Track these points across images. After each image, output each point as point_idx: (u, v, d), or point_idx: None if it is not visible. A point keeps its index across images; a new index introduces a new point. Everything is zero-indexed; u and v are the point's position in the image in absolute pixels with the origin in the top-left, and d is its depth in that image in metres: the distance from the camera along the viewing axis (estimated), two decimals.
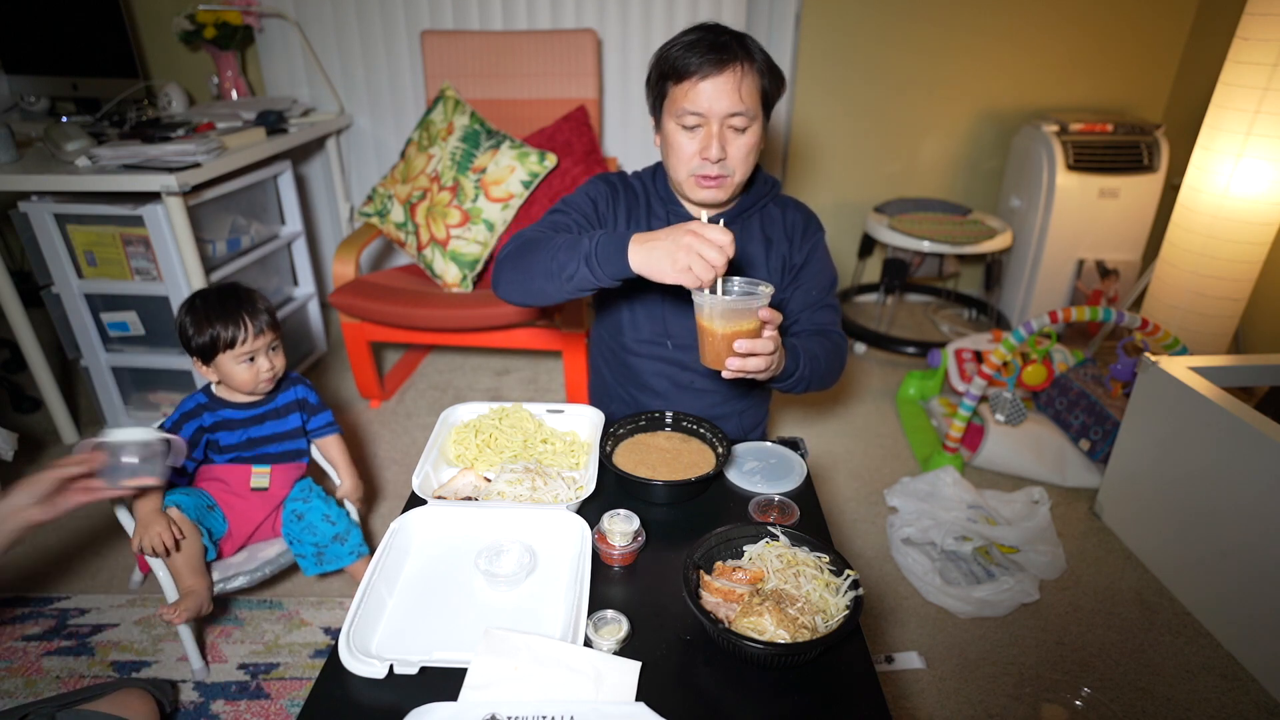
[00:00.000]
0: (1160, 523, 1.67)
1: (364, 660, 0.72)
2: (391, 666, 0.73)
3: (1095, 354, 2.38)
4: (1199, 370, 1.65)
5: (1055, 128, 2.48)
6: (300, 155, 2.74)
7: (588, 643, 0.77)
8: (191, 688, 1.39)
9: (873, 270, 2.97)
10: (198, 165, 1.79)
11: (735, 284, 0.97)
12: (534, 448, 1.11)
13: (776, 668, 0.75)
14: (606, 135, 2.63)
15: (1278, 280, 2.23)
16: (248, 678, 1.41)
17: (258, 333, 1.33)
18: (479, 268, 2.18)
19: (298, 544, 1.41)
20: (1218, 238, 1.95)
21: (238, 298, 1.34)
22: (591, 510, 0.96)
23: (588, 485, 1.00)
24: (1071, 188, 2.46)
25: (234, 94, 2.56)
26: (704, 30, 1.05)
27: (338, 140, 2.63)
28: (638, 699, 0.70)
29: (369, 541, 1.57)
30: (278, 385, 1.42)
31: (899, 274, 2.60)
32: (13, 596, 1.59)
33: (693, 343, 1.23)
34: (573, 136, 2.23)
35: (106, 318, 1.98)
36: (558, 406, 1.18)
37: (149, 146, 1.80)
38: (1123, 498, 1.79)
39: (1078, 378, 2.05)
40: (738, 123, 1.05)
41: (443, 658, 0.74)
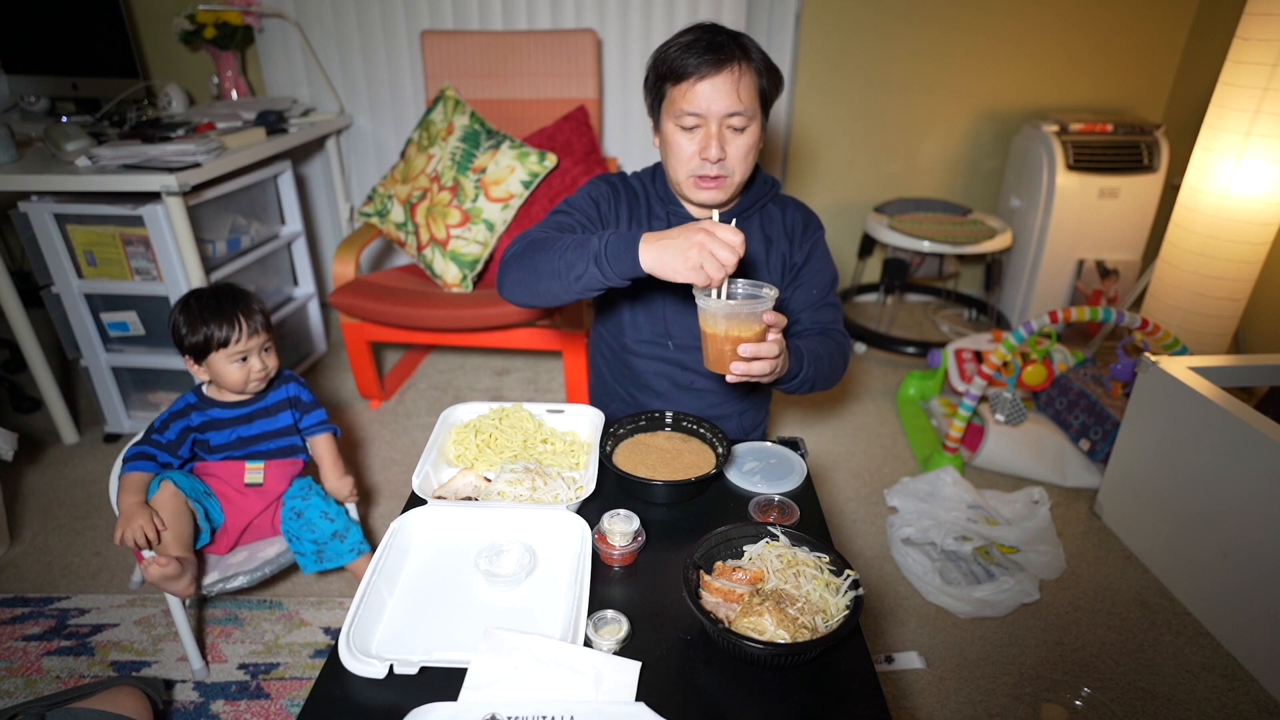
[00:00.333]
0: (1160, 523, 1.67)
1: (364, 660, 0.72)
2: (391, 666, 0.73)
3: (1095, 354, 2.38)
4: (1199, 370, 1.65)
5: (1055, 128, 2.48)
6: (300, 155, 2.74)
7: (588, 643, 0.77)
8: (191, 688, 1.39)
9: (873, 270, 2.97)
10: (198, 165, 1.79)
11: (739, 286, 0.97)
12: (534, 448, 1.11)
13: (776, 668, 0.75)
14: (606, 135, 2.63)
15: (1278, 280, 2.23)
16: (248, 678, 1.41)
17: (251, 333, 1.33)
18: (479, 268, 2.18)
19: (296, 541, 1.41)
20: (1218, 238, 1.95)
21: (233, 298, 1.34)
22: (591, 510, 0.96)
23: (588, 485, 1.00)
24: (1071, 188, 2.46)
25: (234, 94, 2.56)
26: (701, 30, 1.04)
27: (338, 140, 2.63)
28: (638, 699, 0.70)
29: (368, 540, 1.57)
30: (269, 384, 1.42)
31: (899, 274, 2.60)
32: (13, 596, 1.59)
33: (694, 343, 1.23)
34: (573, 136, 2.23)
35: (106, 318, 1.98)
36: (558, 406, 1.18)
37: (149, 146, 1.80)
38: (1123, 498, 1.79)
39: (1078, 378, 2.05)
40: (736, 122, 1.05)
41: (443, 658, 0.74)
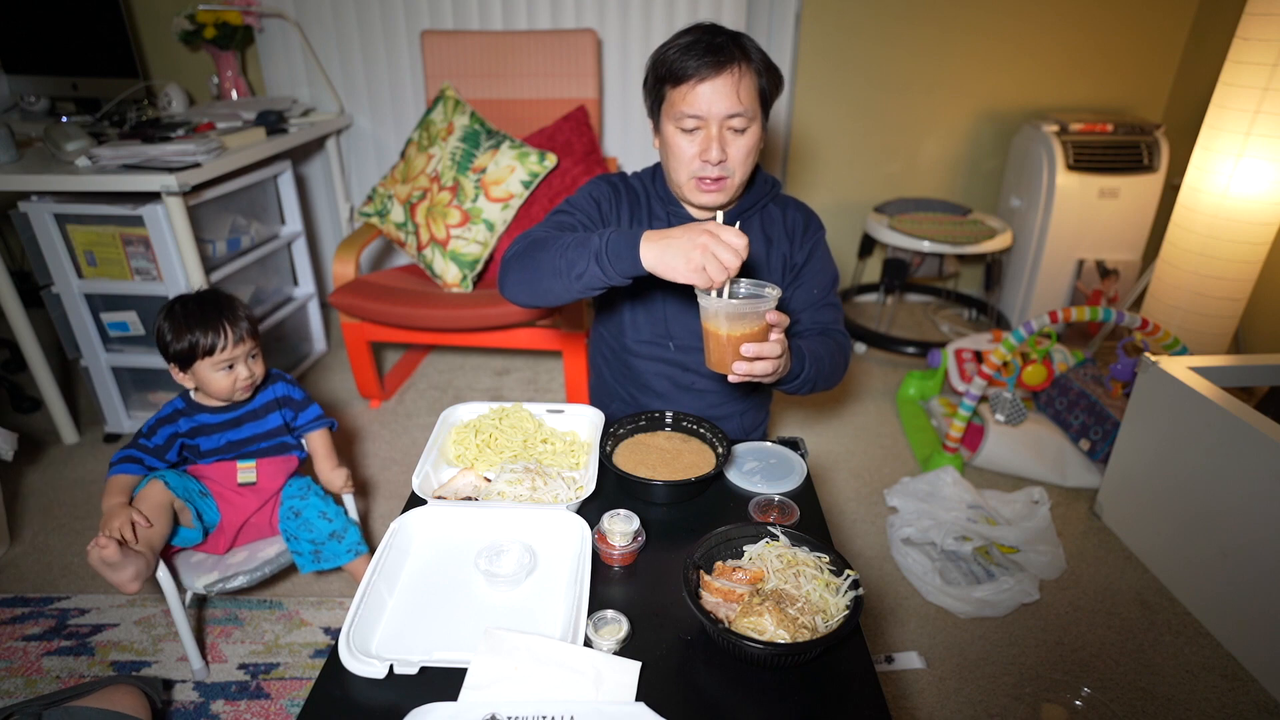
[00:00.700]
0: (1160, 523, 1.67)
1: (364, 660, 0.72)
2: (391, 666, 0.73)
3: (1095, 354, 2.38)
4: (1199, 370, 1.65)
5: (1055, 128, 2.48)
6: (300, 155, 2.74)
7: (588, 643, 0.77)
8: (191, 688, 1.39)
9: (873, 270, 2.97)
10: (198, 165, 1.79)
11: (742, 286, 0.97)
12: (534, 448, 1.11)
13: (776, 668, 0.75)
14: (606, 135, 2.63)
15: (1278, 280, 2.23)
16: (248, 678, 1.41)
17: (237, 340, 1.31)
18: (479, 268, 2.18)
19: (294, 541, 1.41)
20: (1218, 238, 1.95)
21: (218, 305, 1.32)
22: (591, 510, 0.96)
23: (588, 485, 1.00)
24: (1071, 188, 2.46)
25: (234, 94, 2.56)
26: (700, 32, 1.04)
27: (338, 140, 2.63)
28: (638, 699, 0.70)
29: (368, 540, 1.57)
30: (255, 387, 1.40)
31: (899, 274, 2.60)
32: (13, 596, 1.59)
33: (694, 344, 1.23)
34: (573, 136, 2.23)
35: (106, 318, 1.98)
36: (558, 406, 1.18)
37: (149, 146, 1.80)
38: (1123, 498, 1.79)
39: (1078, 378, 2.05)
40: (737, 124, 1.04)
41: (443, 658, 0.74)
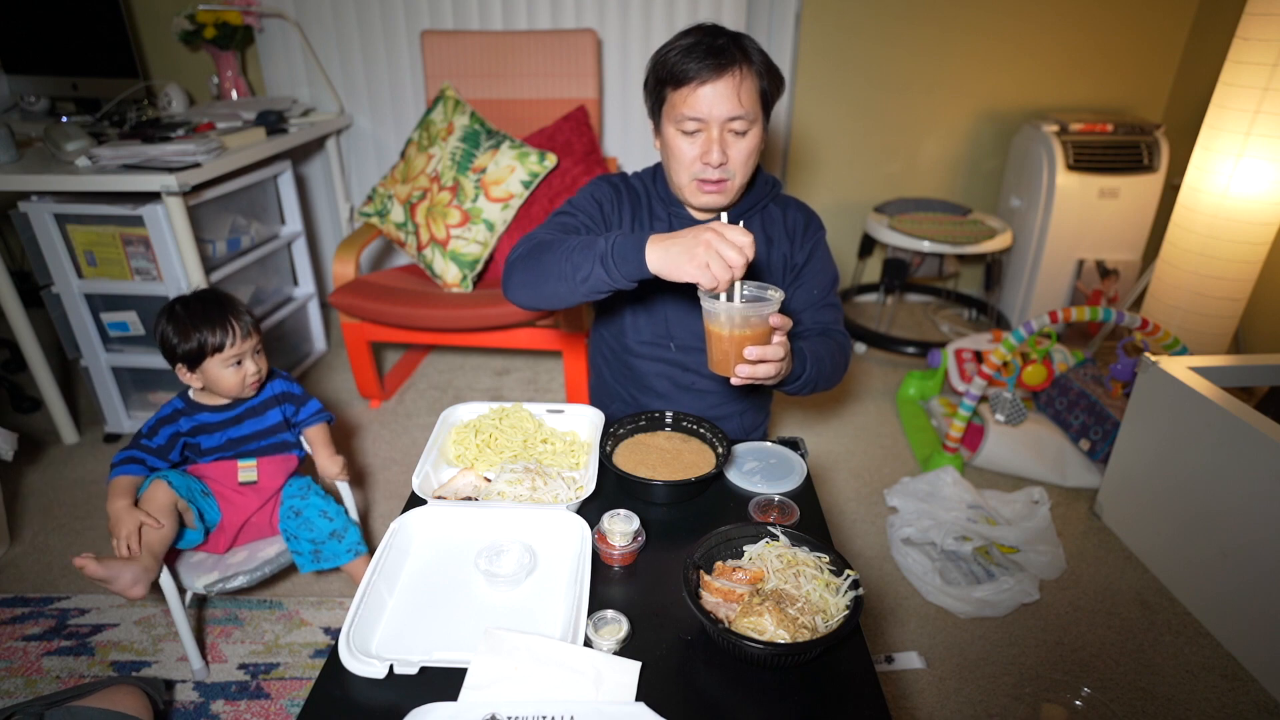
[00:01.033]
0: (1160, 523, 1.67)
1: (364, 660, 0.72)
2: (391, 666, 0.73)
3: (1095, 354, 2.38)
4: (1199, 370, 1.65)
5: (1055, 128, 2.48)
6: (300, 155, 2.74)
7: (588, 643, 0.77)
8: (191, 688, 1.39)
9: (873, 270, 2.97)
10: (198, 165, 1.79)
11: (745, 288, 0.96)
12: (534, 448, 1.11)
13: (776, 668, 0.75)
14: (606, 135, 2.63)
15: (1278, 280, 2.23)
16: (248, 678, 1.41)
17: (244, 335, 1.32)
18: (479, 268, 2.18)
19: (294, 540, 1.41)
20: (1218, 238, 1.95)
21: (219, 303, 1.33)
22: (591, 510, 0.96)
23: (588, 485, 1.00)
24: (1071, 188, 2.46)
25: (234, 94, 2.56)
26: (701, 33, 1.04)
27: (338, 140, 2.63)
28: (638, 699, 0.70)
29: (368, 540, 1.57)
30: None
31: (899, 274, 2.60)
32: (13, 596, 1.59)
33: (695, 345, 1.23)
34: (573, 136, 2.23)
35: (106, 318, 1.98)
36: (557, 406, 1.18)
37: (149, 146, 1.80)
38: (1123, 498, 1.79)
39: (1078, 378, 2.05)
40: (738, 126, 1.04)
41: (443, 658, 0.74)
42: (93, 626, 1.52)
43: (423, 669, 0.74)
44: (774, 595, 0.78)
